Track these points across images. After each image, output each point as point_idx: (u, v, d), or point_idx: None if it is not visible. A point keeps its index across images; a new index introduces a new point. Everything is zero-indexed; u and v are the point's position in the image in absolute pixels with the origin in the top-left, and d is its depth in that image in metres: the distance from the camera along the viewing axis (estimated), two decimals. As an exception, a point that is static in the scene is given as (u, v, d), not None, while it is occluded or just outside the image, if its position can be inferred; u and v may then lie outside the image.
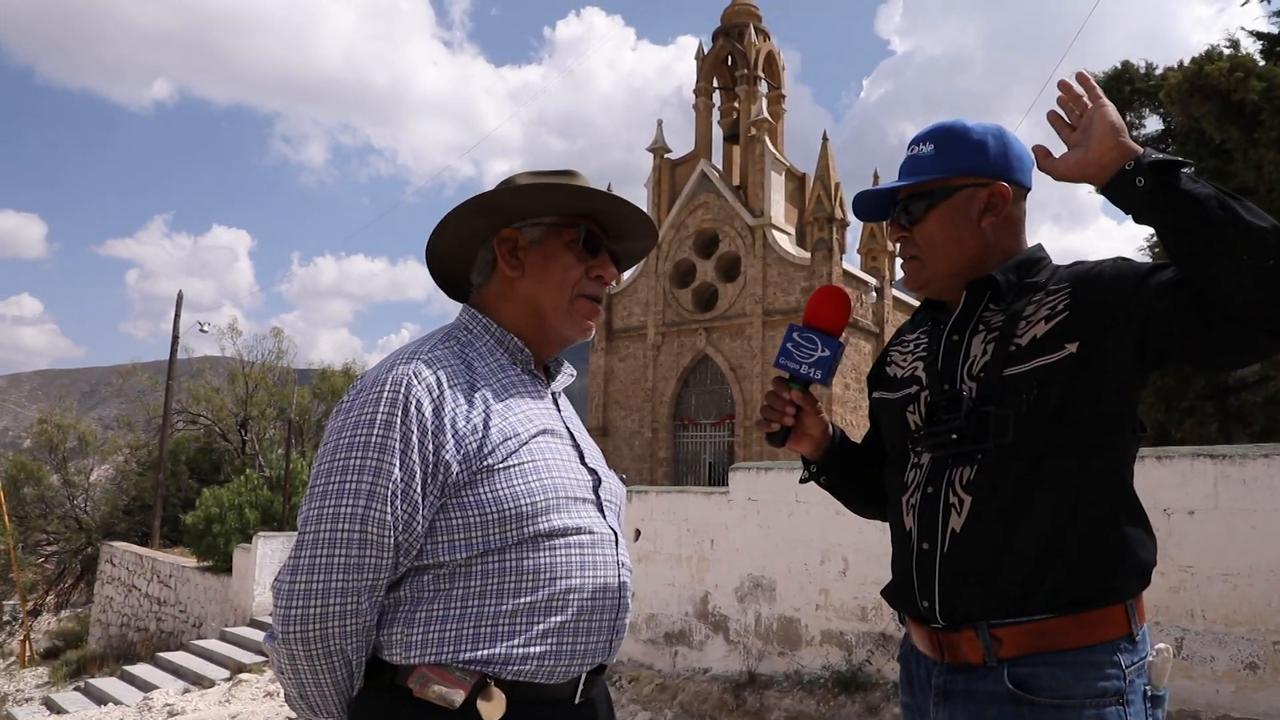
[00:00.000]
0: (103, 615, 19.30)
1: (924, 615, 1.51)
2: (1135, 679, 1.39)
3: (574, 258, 1.56)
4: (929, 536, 1.49)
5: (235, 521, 16.04)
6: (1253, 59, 11.40)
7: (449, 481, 1.36)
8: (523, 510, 1.37)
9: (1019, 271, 1.54)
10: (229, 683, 10.32)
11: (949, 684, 1.47)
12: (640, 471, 27.10)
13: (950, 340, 1.56)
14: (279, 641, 1.33)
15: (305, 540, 1.33)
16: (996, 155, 1.56)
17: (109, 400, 68.89)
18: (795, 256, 25.87)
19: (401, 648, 1.35)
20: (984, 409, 1.45)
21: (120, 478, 29.48)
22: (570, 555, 1.42)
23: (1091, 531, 1.41)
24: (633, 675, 7.42)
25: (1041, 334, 1.44)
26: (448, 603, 1.35)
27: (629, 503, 8.13)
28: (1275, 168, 10.72)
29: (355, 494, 1.31)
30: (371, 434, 1.34)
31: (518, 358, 1.54)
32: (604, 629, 1.45)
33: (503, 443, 1.40)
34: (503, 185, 1.56)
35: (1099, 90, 1.39)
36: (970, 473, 1.45)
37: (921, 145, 1.60)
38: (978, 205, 1.55)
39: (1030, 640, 1.39)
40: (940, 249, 1.58)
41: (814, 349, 1.63)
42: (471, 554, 1.36)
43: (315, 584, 1.31)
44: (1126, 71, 13.58)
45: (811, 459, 1.74)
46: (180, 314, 24.41)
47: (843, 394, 24.57)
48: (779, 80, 30.00)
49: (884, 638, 6.19)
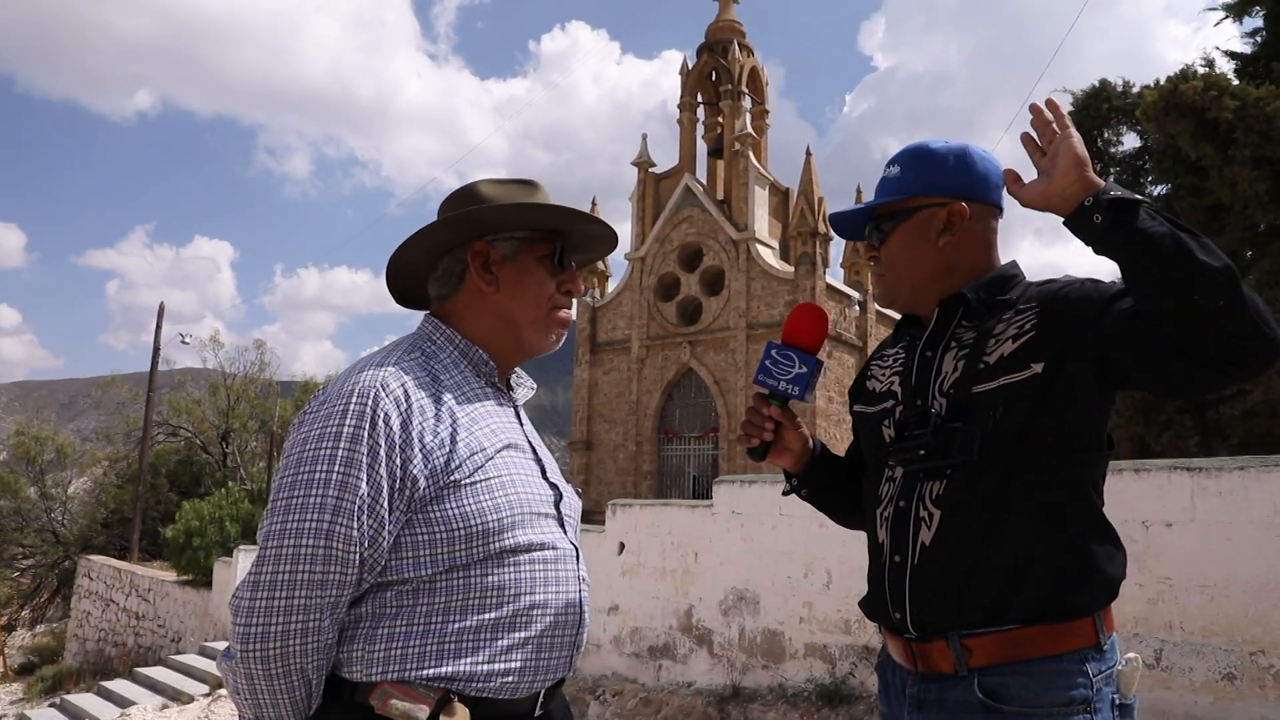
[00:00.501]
0: (79, 630, 19.06)
1: (897, 626, 1.54)
2: (1103, 687, 1.41)
3: (547, 272, 1.57)
4: (900, 549, 1.53)
5: (216, 535, 15.91)
6: (1227, 78, 11.57)
7: (415, 496, 1.34)
8: (488, 526, 1.37)
9: (990, 289, 1.58)
10: (208, 698, 10.22)
11: (922, 693, 1.50)
12: (624, 484, 27.07)
13: (924, 356, 1.60)
14: (237, 660, 1.30)
15: (267, 555, 1.30)
16: (957, 175, 1.60)
17: (88, 412, 68.23)
18: (779, 270, 25.99)
19: (362, 665, 1.33)
20: (952, 425, 1.48)
21: (99, 490, 29.20)
22: (534, 571, 1.42)
23: (1058, 548, 1.43)
24: (616, 689, 7.41)
25: (1009, 352, 1.47)
26: (410, 619, 1.33)
27: (612, 515, 8.13)
28: (1249, 185, 10.87)
29: (320, 508, 1.29)
30: (338, 447, 1.31)
31: (481, 370, 1.53)
32: (565, 644, 1.45)
33: (469, 457, 1.39)
34: (466, 192, 1.56)
35: (1067, 119, 1.41)
36: (940, 487, 1.49)
37: (891, 167, 1.66)
38: (936, 225, 1.59)
39: (1000, 650, 1.42)
40: (902, 267, 1.63)
41: (792, 365, 1.67)
42: (436, 570, 1.34)
43: (277, 601, 1.27)
44: (1104, 90, 13.75)
45: (793, 472, 1.79)
46: (161, 325, 24.25)
47: (826, 407, 24.66)
48: (762, 95, 30.18)
49: (867, 650, 6.21)
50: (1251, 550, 4.36)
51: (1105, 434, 1.52)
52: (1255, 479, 4.39)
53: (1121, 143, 14.31)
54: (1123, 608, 1.49)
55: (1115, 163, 14.32)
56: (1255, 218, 11.52)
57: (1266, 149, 10.59)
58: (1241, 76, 12.79)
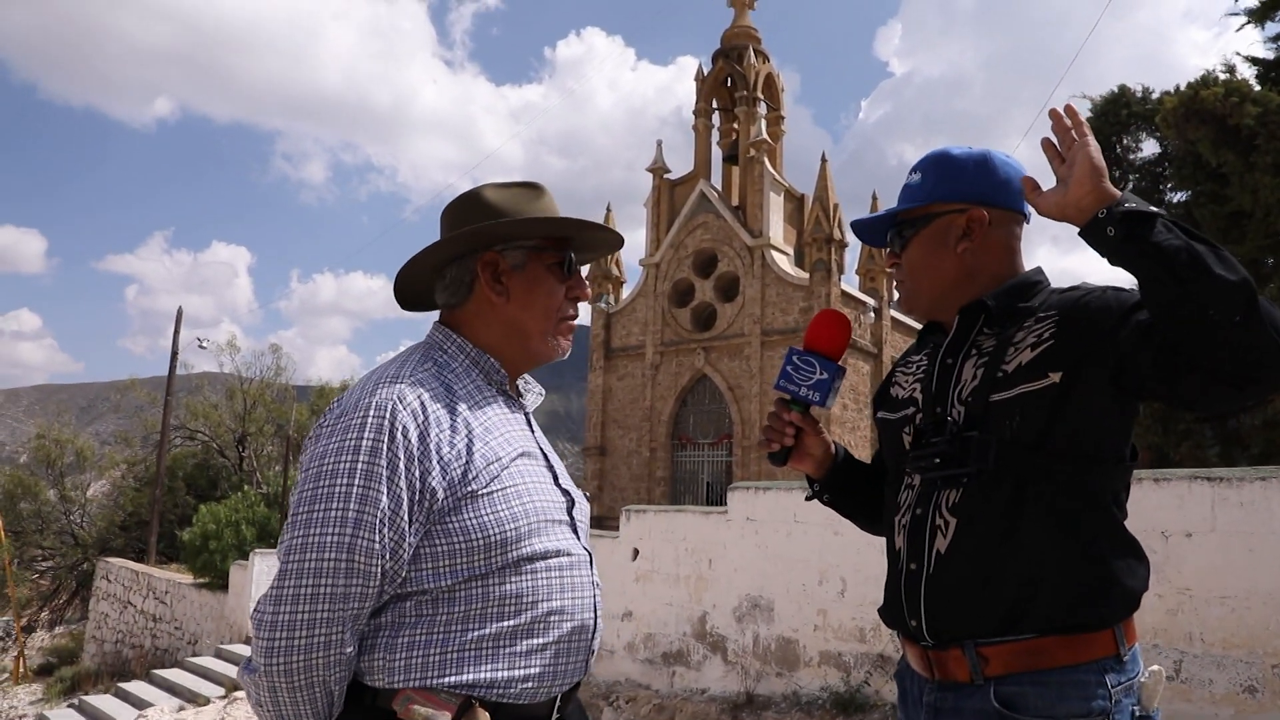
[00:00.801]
0: (98, 632, 19.19)
1: (914, 633, 1.54)
2: (1122, 699, 1.39)
3: (556, 280, 1.58)
4: (916, 557, 1.52)
5: (232, 538, 15.99)
6: (1248, 84, 11.48)
7: (434, 508, 1.35)
8: (506, 536, 1.38)
9: (1011, 295, 1.56)
10: (224, 700, 10.27)
11: (939, 701, 1.49)
12: (638, 491, 27.05)
13: (944, 364, 1.59)
14: (259, 674, 1.30)
15: (289, 570, 1.30)
16: (976, 180, 1.59)
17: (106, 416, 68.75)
18: (794, 277, 25.93)
19: (384, 673, 1.34)
20: (968, 434, 1.48)
21: (117, 493, 29.38)
22: (550, 579, 1.43)
23: (1074, 558, 1.41)
24: (630, 696, 7.39)
25: (1027, 361, 1.46)
26: (430, 628, 1.35)
27: (626, 521, 8.12)
28: (1271, 192, 10.77)
29: (341, 521, 1.30)
30: (357, 460, 1.32)
31: (493, 378, 1.54)
32: (581, 649, 1.47)
33: (486, 468, 1.40)
34: (470, 198, 1.56)
35: (1086, 126, 1.39)
36: (956, 496, 1.48)
37: (913, 174, 1.65)
38: (955, 231, 1.58)
39: (1017, 659, 1.40)
40: (921, 275, 1.63)
41: (813, 372, 1.67)
42: (456, 580, 1.36)
43: (300, 615, 1.28)
44: (1123, 95, 13.66)
45: (815, 478, 1.80)
46: (179, 330, 24.44)
47: (840, 414, 24.58)
48: (778, 102, 30.17)
49: (882, 659, 6.18)
50: (1273, 561, 4.32)
51: (1128, 444, 1.49)
52: (1278, 490, 4.35)
53: (1141, 149, 14.22)
54: (1142, 618, 1.46)
55: (1134, 169, 14.21)
56: (1277, 225, 11.41)
57: (1288, 156, 10.50)
58: (1263, 82, 12.68)
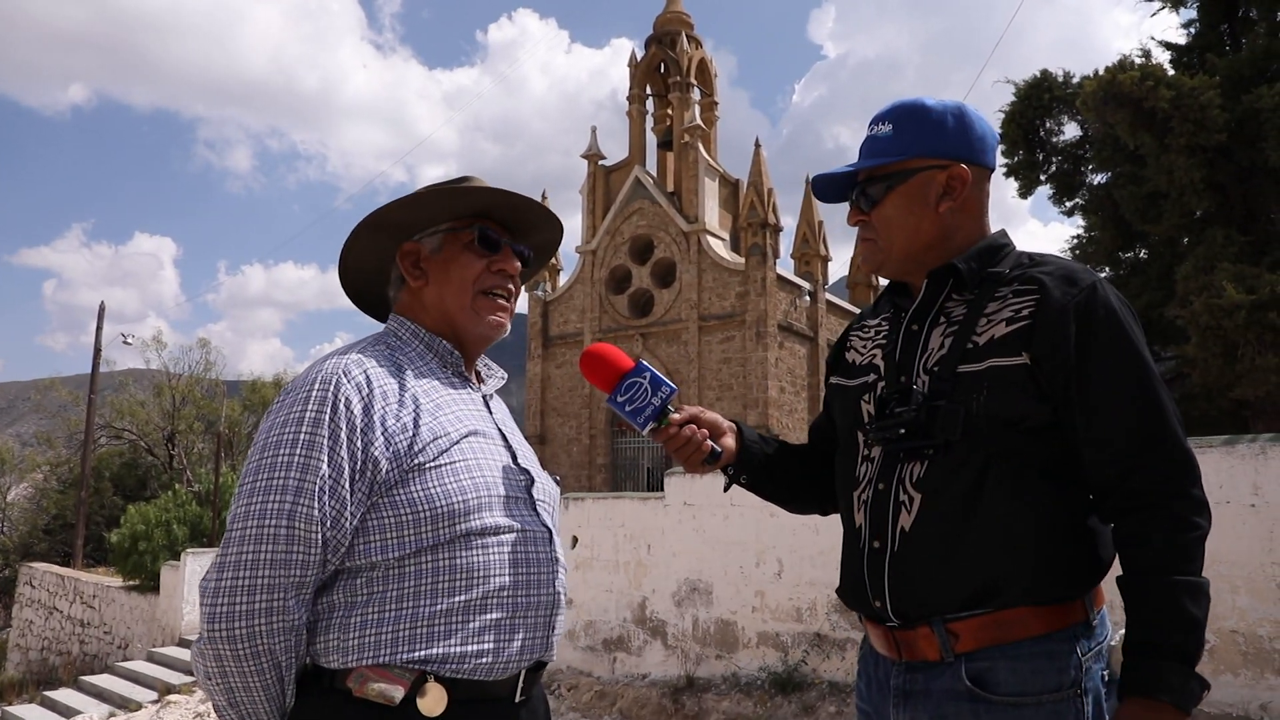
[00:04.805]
0: (21, 640, 18.59)
1: (878, 614, 1.47)
2: (1093, 665, 1.37)
3: (474, 256, 1.59)
4: (879, 534, 1.45)
5: (163, 538, 15.56)
6: (1163, 68, 11.82)
7: (378, 479, 1.37)
8: (454, 508, 1.39)
9: (981, 259, 1.50)
10: (157, 704, 10.02)
11: (908, 684, 1.44)
12: (579, 478, 27.03)
13: (910, 330, 1.52)
14: (205, 642, 1.32)
15: (232, 537, 1.33)
16: (956, 135, 1.51)
17: (27, 416, 66.44)
18: (730, 262, 26.08)
19: (339, 653, 1.35)
20: (934, 404, 1.41)
21: (40, 496, 28.46)
22: (503, 553, 1.43)
23: (1043, 532, 1.38)
24: (571, 683, 7.39)
25: (1000, 335, 1.41)
26: (382, 605, 1.36)
27: (565, 510, 8.11)
28: (1185, 173, 11.13)
29: (283, 490, 1.32)
30: (300, 430, 1.35)
31: (448, 360, 1.57)
32: (540, 625, 1.47)
33: (432, 441, 1.41)
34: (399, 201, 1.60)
35: None
36: (920, 469, 1.42)
37: (880, 125, 1.54)
38: (936, 189, 1.50)
39: (986, 632, 1.37)
40: (896, 233, 1.53)
41: (637, 387, 1.59)
42: (404, 553, 1.37)
43: (241, 580, 1.30)
44: (1045, 80, 13.97)
45: (728, 461, 1.67)
46: (102, 326, 23.64)
47: (778, 397, 24.82)
48: (711, 88, 30.23)
49: (819, 638, 6.27)
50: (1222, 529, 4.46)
51: None
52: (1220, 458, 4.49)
53: (1063, 132, 14.56)
54: (1107, 583, 1.50)
55: (1057, 152, 14.56)
56: (1191, 205, 11.81)
57: (1201, 137, 10.85)
58: (1177, 67, 13.08)
